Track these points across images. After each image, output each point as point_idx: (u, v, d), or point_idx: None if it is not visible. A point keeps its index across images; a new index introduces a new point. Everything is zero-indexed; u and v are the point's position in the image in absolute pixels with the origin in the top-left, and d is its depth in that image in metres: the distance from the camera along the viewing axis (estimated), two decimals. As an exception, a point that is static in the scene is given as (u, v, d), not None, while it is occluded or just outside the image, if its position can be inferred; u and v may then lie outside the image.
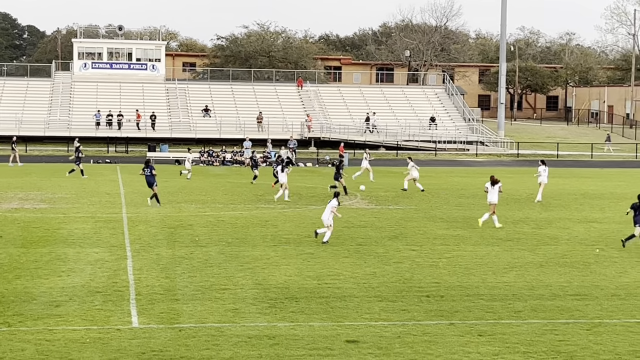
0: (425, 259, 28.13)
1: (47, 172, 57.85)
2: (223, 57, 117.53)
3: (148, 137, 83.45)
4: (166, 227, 33.74)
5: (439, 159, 79.56)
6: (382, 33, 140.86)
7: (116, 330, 19.11)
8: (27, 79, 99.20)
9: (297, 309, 21.19)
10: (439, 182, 54.46)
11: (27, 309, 20.69)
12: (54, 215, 36.76)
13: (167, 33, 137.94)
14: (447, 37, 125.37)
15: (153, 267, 25.87)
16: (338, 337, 18.88)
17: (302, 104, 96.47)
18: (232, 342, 18.35)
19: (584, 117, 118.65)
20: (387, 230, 33.81)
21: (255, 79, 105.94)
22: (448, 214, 39.18)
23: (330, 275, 25.15)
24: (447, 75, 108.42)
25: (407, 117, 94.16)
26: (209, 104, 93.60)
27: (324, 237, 30.72)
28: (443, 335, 19.26)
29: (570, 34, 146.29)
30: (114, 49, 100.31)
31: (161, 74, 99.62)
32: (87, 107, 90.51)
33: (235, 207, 40.40)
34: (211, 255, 28.04)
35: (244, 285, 23.67)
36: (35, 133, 78.77)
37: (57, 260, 26.80)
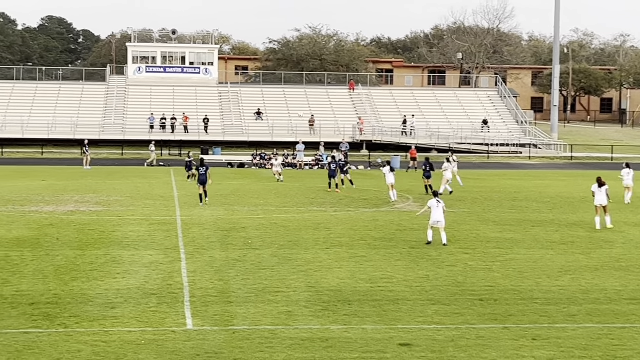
0: (478, 262, 27.98)
1: (102, 175, 58.50)
2: (275, 60, 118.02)
3: (201, 140, 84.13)
4: (219, 230, 33.94)
5: (491, 162, 79.10)
6: (434, 36, 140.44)
7: (171, 332, 19.27)
8: (82, 83, 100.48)
9: (350, 312, 21.20)
10: (492, 185, 54.14)
11: (84, 311, 20.93)
12: (109, 217, 37.16)
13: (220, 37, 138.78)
14: (500, 39, 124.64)
15: (207, 270, 26.03)
16: (391, 341, 18.86)
17: (354, 107, 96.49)
18: (285, 345, 18.42)
19: (639, 120, 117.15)
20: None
21: (307, 82, 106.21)
22: (501, 217, 38.94)
23: (383, 279, 25.13)
24: (499, 77, 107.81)
25: (460, 119, 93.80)
26: (261, 107, 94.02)
27: (444, 239, 30.73)
28: (497, 339, 19.15)
29: (625, 35, 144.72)
30: (168, 53, 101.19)
31: (214, 77, 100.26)
32: (141, 110, 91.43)
33: (287, 210, 40.52)
34: (264, 258, 28.15)
35: (297, 288, 23.73)
36: (90, 136, 79.78)
37: (113, 262, 27.09)
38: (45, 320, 19.97)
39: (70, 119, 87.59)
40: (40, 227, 34.03)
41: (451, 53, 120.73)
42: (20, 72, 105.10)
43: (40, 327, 19.42)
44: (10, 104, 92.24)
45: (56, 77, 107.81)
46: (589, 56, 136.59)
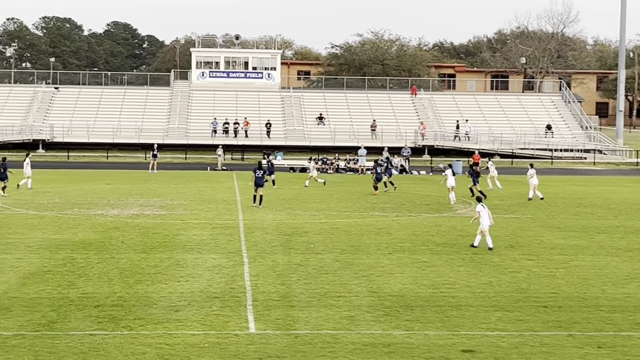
0: (542, 268, 27.73)
1: (166, 179, 59.06)
2: (337, 65, 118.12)
3: (263, 145, 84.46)
4: (282, 234, 34.08)
5: (555, 168, 78.27)
6: (497, 40, 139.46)
7: (234, 335, 19.39)
8: (146, 87, 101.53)
9: (412, 318, 21.15)
10: (556, 191, 53.58)
11: (148, 313, 21.16)
12: (173, 221, 37.51)
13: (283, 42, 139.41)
14: (564, 43, 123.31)
15: (269, 274, 26.15)
16: (454, 347, 18.77)
17: (416, 112, 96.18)
18: (347, 350, 18.43)
19: None
20: (503, 239, 33.44)
21: (369, 87, 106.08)
22: (565, 223, 38.52)
23: (445, 284, 25.02)
24: (563, 82, 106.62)
25: (523, 125, 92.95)
26: (323, 112, 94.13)
27: (489, 243, 31.04)
28: (561, 346, 18.96)
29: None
30: (231, 58, 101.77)
31: (276, 82, 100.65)
32: (204, 115, 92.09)
33: (349, 215, 40.54)
34: (326, 262, 28.20)
35: (359, 293, 23.73)
36: (154, 140, 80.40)
37: (176, 265, 27.34)
38: (110, 323, 20.22)
39: (134, 123, 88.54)
40: (106, 230, 34.48)
41: (514, 58, 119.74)
42: (86, 77, 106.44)
43: (105, 329, 19.67)
44: (76, 109, 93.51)
45: (121, 82, 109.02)
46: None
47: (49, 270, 26.16)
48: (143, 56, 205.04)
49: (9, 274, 25.59)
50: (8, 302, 22.04)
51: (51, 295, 22.81)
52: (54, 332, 19.34)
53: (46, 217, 38.01)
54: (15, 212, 39.77)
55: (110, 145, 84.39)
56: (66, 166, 71.61)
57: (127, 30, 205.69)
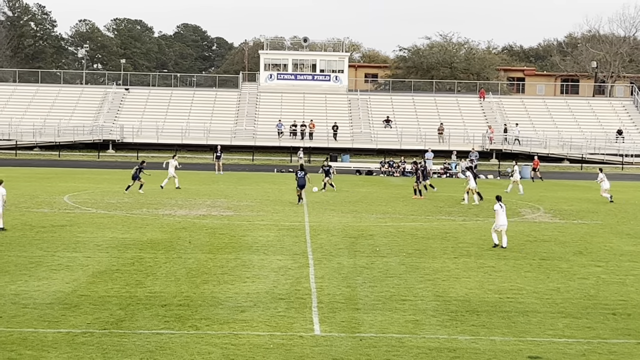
0: (611, 275, 27.33)
1: (233, 180, 59.45)
2: (405, 68, 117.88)
3: (330, 147, 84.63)
4: (347, 237, 34.07)
5: (626, 173, 77.13)
6: (567, 44, 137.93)
7: (299, 337, 19.43)
8: (215, 89, 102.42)
9: (478, 323, 20.98)
10: (627, 197, 52.79)
11: (214, 313, 21.30)
12: (239, 222, 37.73)
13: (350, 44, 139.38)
14: (636, 47, 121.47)
15: (334, 276, 26.15)
16: (520, 353, 18.58)
17: (484, 115, 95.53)
18: (412, 354, 18.35)
19: None
20: (571, 245, 33.04)
21: (437, 90, 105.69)
22: (636, 230, 37.93)
23: (512, 290, 24.78)
24: (635, 86, 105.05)
25: (593, 129, 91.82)
26: (390, 115, 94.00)
27: (503, 242, 31.86)
28: (630, 354, 18.66)
29: None
30: (299, 60, 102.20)
31: (344, 85, 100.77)
32: (272, 117, 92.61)
33: (415, 218, 40.39)
34: (391, 265, 28.12)
35: (424, 297, 23.62)
36: (223, 142, 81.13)
37: (242, 266, 27.48)
38: (177, 322, 20.39)
39: (203, 124, 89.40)
40: (173, 230, 34.80)
41: (585, 61, 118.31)
42: (156, 79, 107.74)
43: (172, 328, 19.85)
44: (146, 110, 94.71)
45: (190, 84, 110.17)
46: None
47: (117, 269, 26.49)
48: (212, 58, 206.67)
49: (78, 272, 25.97)
50: (77, 299, 22.36)
51: (119, 294, 23.08)
52: (121, 330, 19.57)
53: (115, 217, 38.51)
54: (85, 211, 40.35)
55: (179, 146, 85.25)
56: (135, 166, 72.44)
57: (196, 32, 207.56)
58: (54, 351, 17.86)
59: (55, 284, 24.16)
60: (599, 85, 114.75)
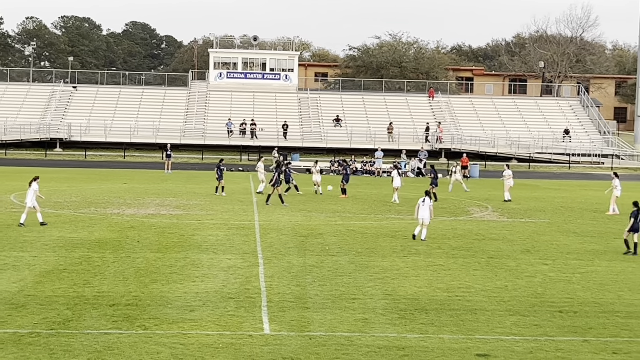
0: (558, 273, 27.62)
1: (182, 179, 59.18)
2: (355, 67, 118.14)
3: (280, 146, 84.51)
4: (297, 236, 34.07)
5: (572, 172, 78.05)
6: (515, 44, 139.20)
7: (248, 336, 19.39)
8: (164, 88, 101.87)
9: (428, 321, 21.09)
10: (573, 196, 53.41)
11: (163, 313, 21.18)
12: (189, 221, 37.57)
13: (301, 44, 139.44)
14: (583, 48, 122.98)
15: (284, 275, 26.14)
16: (469, 351, 18.71)
17: (433, 115, 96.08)
18: (362, 352, 18.40)
19: None
20: (519, 244, 33.35)
21: (387, 90, 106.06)
22: (582, 229, 38.38)
23: (460, 288, 24.95)
24: (582, 87, 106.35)
25: (541, 129, 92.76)
26: (340, 114, 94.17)
27: (422, 235, 33.17)
28: (577, 352, 18.87)
29: None
30: (249, 59, 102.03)
31: (294, 84, 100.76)
32: (221, 116, 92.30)
33: (365, 217, 40.51)
34: (341, 264, 28.17)
35: (374, 296, 23.69)
36: (172, 141, 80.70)
37: (192, 266, 27.36)
38: (125, 322, 20.25)
39: (152, 123, 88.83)
40: (122, 230, 34.55)
41: (533, 62, 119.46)
42: (105, 77, 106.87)
43: (120, 329, 19.70)
44: (94, 108, 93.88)
45: (139, 82, 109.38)
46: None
47: (65, 269, 26.23)
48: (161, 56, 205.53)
49: (25, 272, 25.67)
50: (24, 299, 22.11)
51: (67, 294, 22.86)
52: (69, 331, 19.38)
53: (63, 216, 38.14)
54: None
55: (127, 145, 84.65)
56: (83, 165, 71.86)
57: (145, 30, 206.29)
58: (0, 352, 17.63)
59: (1, 284, 23.87)
60: (546, 86, 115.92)
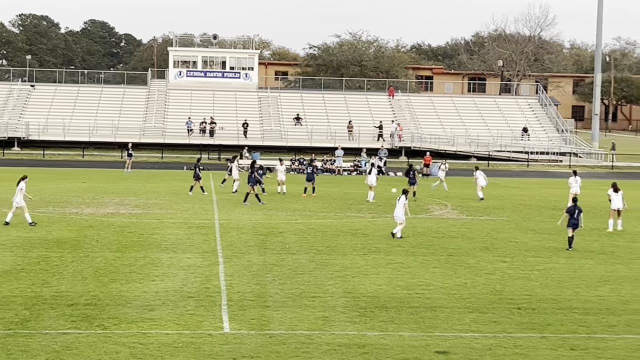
0: (516, 270, 27.84)
1: (142, 178, 58.87)
2: (315, 65, 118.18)
3: (240, 145, 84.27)
4: (257, 234, 34.04)
5: (531, 170, 78.61)
6: (474, 43, 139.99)
7: (208, 335, 19.36)
8: (123, 86, 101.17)
9: (387, 319, 21.17)
10: (531, 194, 53.79)
11: (122, 313, 21.08)
12: (148, 220, 37.40)
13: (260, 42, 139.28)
14: (541, 47, 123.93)
15: (244, 274, 26.12)
16: (428, 348, 18.81)
17: (393, 113, 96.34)
18: (322, 350, 18.43)
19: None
20: (478, 241, 33.57)
21: (347, 88, 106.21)
22: (540, 226, 38.70)
23: (420, 285, 25.07)
24: (540, 85, 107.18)
25: (499, 127, 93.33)
26: (300, 113, 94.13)
27: (398, 234, 33.36)
28: (535, 348, 19.03)
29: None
30: (209, 57, 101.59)
31: (254, 82, 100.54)
32: (181, 114, 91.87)
33: (325, 216, 40.55)
34: (301, 262, 28.19)
35: (334, 294, 23.74)
36: (131, 139, 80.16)
37: (151, 264, 27.26)
38: (84, 322, 20.13)
39: (111, 121, 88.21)
40: (80, 229, 34.32)
41: (492, 60, 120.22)
42: (63, 75, 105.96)
43: (78, 328, 19.58)
44: (52, 107, 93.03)
45: (98, 81, 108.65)
46: (631, 65, 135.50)
47: (22, 269, 26.02)
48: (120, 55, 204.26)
49: (-18, 272, 25.42)
50: (-19, 300, 21.90)
51: (24, 294, 22.68)
52: (26, 331, 19.23)
53: (20, 215, 37.77)
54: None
55: (86, 144, 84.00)
56: (41, 164, 71.16)
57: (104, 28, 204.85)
58: (-44, 353, 17.47)
59: (-43, 284, 23.62)
60: (505, 84, 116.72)
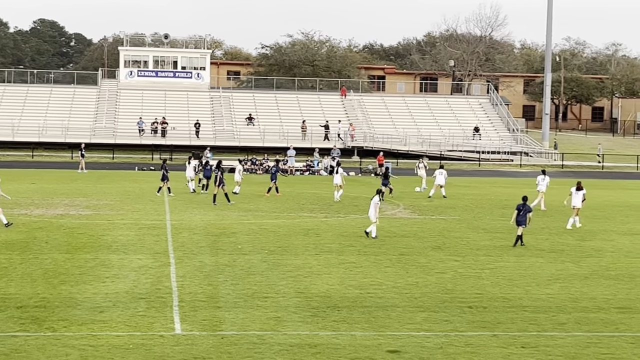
0: (468, 269, 28.00)
1: (92, 179, 58.38)
2: (267, 65, 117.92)
3: (192, 145, 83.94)
4: (209, 235, 33.90)
5: (482, 169, 79.21)
6: (426, 42, 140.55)
7: (159, 336, 19.23)
8: (74, 86, 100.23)
9: (339, 318, 21.18)
10: (483, 193, 54.17)
11: (72, 315, 20.87)
12: (99, 221, 37.09)
13: (212, 42, 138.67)
14: (492, 47, 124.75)
15: (196, 275, 26.00)
16: (380, 347, 18.84)
17: (346, 113, 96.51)
18: (274, 351, 18.39)
19: (630, 129, 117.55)
20: (429, 241, 33.72)
21: (299, 88, 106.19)
22: (491, 225, 38.97)
23: (372, 285, 25.12)
24: (491, 85, 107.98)
25: (451, 127, 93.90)
26: (252, 113, 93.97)
27: (372, 233, 33.38)
28: (486, 346, 19.15)
29: (617, 44, 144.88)
30: (160, 57, 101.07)
31: (206, 82, 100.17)
32: (132, 114, 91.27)
33: (277, 216, 40.50)
34: (254, 263, 28.13)
35: (286, 294, 23.71)
36: (81, 140, 79.53)
37: (102, 266, 27.03)
38: (33, 324, 19.90)
39: (61, 122, 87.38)
40: (30, 231, 33.94)
41: (443, 60, 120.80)
42: (12, 75, 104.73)
43: (28, 331, 19.36)
44: (1, 107, 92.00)
45: (48, 80, 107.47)
46: (580, 65, 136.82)
47: (-30, 271, 25.66)
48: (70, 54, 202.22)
49: None
50: None
51: (-28, 297, 22.37)
52: (-26, 334, 18.97)
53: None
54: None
55: (35, 144, 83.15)
56: (-10, 165, 70.30)
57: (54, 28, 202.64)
58: None
59: None
60: (456, 84, 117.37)
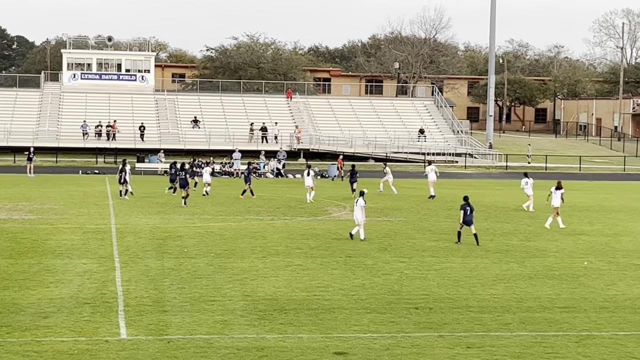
0: (414, 271, 28.14)
1: (35, 183, 57.72)
2: (212, 68, 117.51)
3: (137, 148, 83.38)
4: (155, 239, 33.69)
5: (427, 171, 79.55)
6: (371, 45, 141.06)
7: (104, 341, 19.06)
8: (16, 89, 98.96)
9: (286, 321, 21.17)
10: (427, 194, 54.45)
11: (15, 320, 20.61)
12: (42, 226, 36.67)
13: (157, 44, 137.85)
14: (436, 49, 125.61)
15: (142, 279, 25.82)
16: (327, 349, 18.86)
17: (292, 115, 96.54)
18: (220, 354, 18.32)
19: (572, 130, 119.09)
20: (376, 242, 33.82)
21: (245, 90, 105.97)
22: (437, 226, 39.22)
23: (319, 287, 25.14)
24: (436, 87, 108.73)
25: (396, 129, 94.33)
26: (198, 115, 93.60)
27: (360, 235, 33.71)
28: (432, 347, 19.26)
29: (559, 46, 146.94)
30: (104, 59, 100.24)
31: (150, 85, 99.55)
32: (76, 117, 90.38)
33: (224, 219, 40.38)
34: (200, 266, 28.01)
35: (232, 297, 23.64)
36: (24, 144, 78.54)
37: (45, 271, 26.73)
38: (-25, 331, 19.62)
39: (3, 125, 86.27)
40: (-29, 236, 33.45)
41: (388, 62, 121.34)
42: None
43: (-31, 338, 19.07)
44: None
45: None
46: (523, 67, 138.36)
47: None
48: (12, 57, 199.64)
49: None
50: None
51: None
52: None
53: None
54: None
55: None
56: None
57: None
58: None
59: None
60: (401, 86, 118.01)
